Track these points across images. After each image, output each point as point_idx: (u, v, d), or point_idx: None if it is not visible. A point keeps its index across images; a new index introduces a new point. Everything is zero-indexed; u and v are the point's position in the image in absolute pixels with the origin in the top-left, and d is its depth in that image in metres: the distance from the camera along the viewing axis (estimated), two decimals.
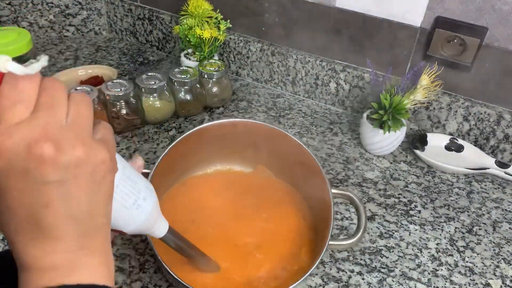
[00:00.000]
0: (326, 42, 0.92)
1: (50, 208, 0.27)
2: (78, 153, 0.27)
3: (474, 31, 0.77)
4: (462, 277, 0.63)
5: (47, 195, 0.27)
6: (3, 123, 0.26)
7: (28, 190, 0.26)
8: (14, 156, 0.25)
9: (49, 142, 0.26)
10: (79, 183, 0.28)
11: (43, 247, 0.27)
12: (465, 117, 0.85)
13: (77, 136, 0.28)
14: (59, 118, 0.27)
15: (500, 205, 0.76)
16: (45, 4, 1.11)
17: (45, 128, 0.26)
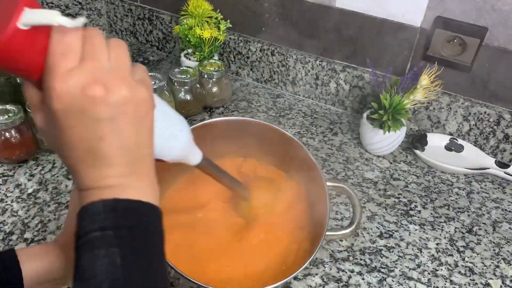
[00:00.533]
0: (326, 42, 0.92)
1: (105, 141, 0.32)
2: (124, 92, 0.31)
3: (474, 31, 0.77)
4: (462, 277, 0.63)
5: (101, 130, 0.31)
6: (58, 71, 0.30)
7: (85, 127, 0.31)
8: (71, 99, 0.30)
9: (98, 85, 0.30)
10: (126, 118, 0.32)
11: (100, 172, 0.32)
12: (465, 117, 0.85)
13: (121, 78, 0.32)
14: (103, 63, 0.31)
15: (500, 205, 0.76)
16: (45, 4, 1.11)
17: (93, 72, 0.31)
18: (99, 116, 0.31)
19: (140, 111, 0.33)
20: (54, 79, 0.30)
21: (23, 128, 0.73)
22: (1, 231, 0.64)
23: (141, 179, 0.34)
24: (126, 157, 0.33)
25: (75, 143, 0.31)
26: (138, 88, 0.33)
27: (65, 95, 0.30)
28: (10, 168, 0.75)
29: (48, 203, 0.69)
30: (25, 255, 0.43)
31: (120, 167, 0.33)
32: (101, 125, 0.31)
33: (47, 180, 0.73)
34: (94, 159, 0.32)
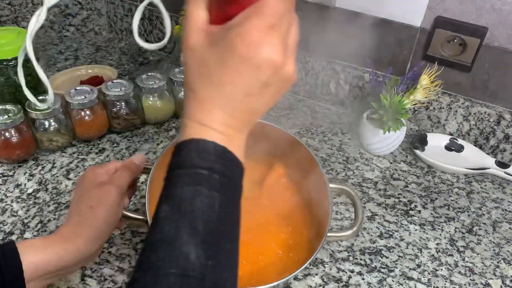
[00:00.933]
0: (326, 42, 0.92)
1: (248, 98, 0.34)
2: (291, 71, 0.34)
3: (474, 31, 0.77)
4: (462, 277, 0.63)
5: (254, 89, 0.33)
6: (263, 22, 0.31)
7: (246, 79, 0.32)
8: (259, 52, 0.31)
9: (283, 54, 0.32)
10: (274, 91, 0.34)
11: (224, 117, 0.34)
12: (465, 117, 0.85)
13: (293, 56, 0.34)
14: (290, 35, 0.34)
15: (500, 205, 0.76)
16: None
17: (284, 40, 0.33)
18: (264, 78, 0.32)
19: (283, 90, 0.35)
20: (255, 26, 0.31)
21: (23, 128, 0.73)
22: (1, 231, 0.64)
23: (243, 139, 0.36)
24: (247, 118, 0.35)
25: (225, 84, 0.33)
26: (296, 71, 0.35)
27: (256, 46, 0.31)
28: (10, 168, 0.75)
29: (48, 203, 0.69)
30: (25, 247, 0.44)
31: (238, 123, 0.35)
32: (257, 85, 0.33)
33: (47, 180, 0.73)
34: (227, 106, 0.34)
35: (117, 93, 0.79)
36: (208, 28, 0.34)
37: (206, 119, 0.34)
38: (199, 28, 0.34)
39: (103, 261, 0.60)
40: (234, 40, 0.31)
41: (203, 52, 0.34)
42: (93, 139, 0.82)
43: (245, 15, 0.31)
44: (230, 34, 0.31)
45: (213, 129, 0.34)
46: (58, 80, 0.94)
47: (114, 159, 0.78)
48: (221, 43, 0.32)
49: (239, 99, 0.33)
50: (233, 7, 0.32)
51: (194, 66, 0.35)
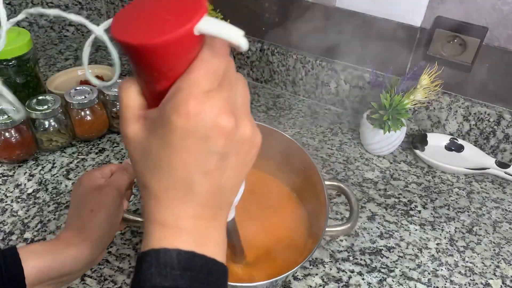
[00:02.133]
0: (326, 42, 0.92)
1: (208, 176, 0.29)
2: (248, 133, 0.29)
3: (474, 31, 0.77)
4: (462, 277, 0.63)
5: (211, 164, 0.28)
6: (197, 88, 0.27)
7: (197, 155, 0.28)
8: (200, 121, 0.27)
9: (232, 117, 0.27)
10: (236, 159, 0.29)
11: (185, 209, 0.29)
12: (465, 117, 0.85)
13: (247, 116, 0.30)
14: (236, 95, 0.29)
15: (500, 205, 0.76)
16: (45, 4, 1.11)
17: (228, 102, 0.28)
18: (217, 149, 0.28)
19: (250, 154, 0.30)
20: (190, 95, 0.26)
21: (23, 128, 0.73)
22: (1, 231, 0.64)
23: (219, 228, 0.31)
24: (216, 200, 0.30)
25: (175, 169, 0.28)
26: (257, 132, 0.31)
27: (196, 116, 0.26)
28: (10, 168, 0.75)
29: (48, 203, 0.69)
30: (27, 253, 0.43)
31: (207, 210, 0.30)
32: (213, 158, 0.28)
33: (47, 180, 0.73)
34: (187, 193, 0.29)
35: (117, 93, 0.79)
36: (144, 114, 0.29)
37: (166, 217, 0.29)
38: (134, 116, 0.29)
39: (103, 261, 0.60)
40: (170, 116, 0.26)
41: (144, 141, 0.29)
42: (93, 139, 0.82)
43: (176, 87, 0.27)
44: (164, 112, 0.27)
45: (176, 228, 0.29)
46: (58, 80, 0.94)
47: (114, 159, 0.78)
48: (159, 125, 0.28)
49: (198, 182, 0.28)
50: (162, 83, 0.28)
51: (138, 158, 0.30)
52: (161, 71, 0.27)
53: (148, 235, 0.29)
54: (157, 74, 0.27)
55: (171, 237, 0.29)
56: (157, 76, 0.27)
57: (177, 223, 0.29)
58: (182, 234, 0.29)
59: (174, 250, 0.28)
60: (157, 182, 0.29)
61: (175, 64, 0.27)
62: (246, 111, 0.30)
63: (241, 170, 0.31)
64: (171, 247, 0.28)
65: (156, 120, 0.28)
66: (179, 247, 0.28)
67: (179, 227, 0.29)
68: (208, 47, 0.28)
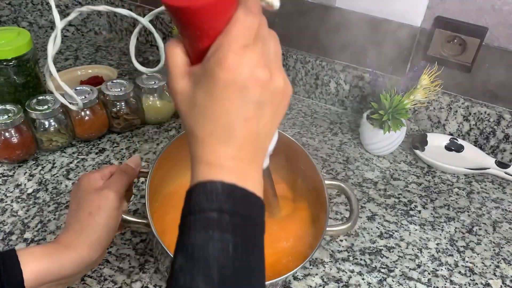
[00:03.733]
0: (326, 42, 0.92)
1: (247, 123, 0.32)
2: (281, 83, 0.33)
3: (474, 31, 0.77)
4: (462, 277, 0.63)
5: (249, 111, 0.32)
6: (236, 43, 0.30)
7: (237, 103, 0.31)
8: (239, 73, 0.30)
9: (267, 69, 0.31)
10: (271, 107, 0.33)
11: (227, 150, 0.32)
12: (465, 117, 0.85)
13: (280, 69, 0.33)
14: (270, 50, 0.33)
15: (500, 205, 0.76)
16: (45, 4, 1.11)
17: (263, 56, 0.32)
18: (255, 97, 0.31)
19: (282, 104, 0.34)
20: (229, 50, 0.30)
21: (23, 128, 0.73)
22: (1, 231, 0.64)
23: (256, 170, 0.35)
24: (254, 144, 0.33)
25: (218, 115, 0.32)
26: (288, 83, 0.34)
27: (236, 68, 0.30)
28: (10, 168, 0.75)
29: (48, 203, 0.69)
30: (26, 255, 0.43)
31: (246, 153, 0.33)
32: (251, 106, 0.32)
33: (47, 180, 0.73)
34: (228, 137, 0.32)
35: (117, 93, 0.79)
36: (189, 70, 0.33)
37: (210, 158, 0.33)
38: (181, 73, 0.33)
39: (103, 261, 0.60)
40: (213, 70, 0.30)
41: (191, 93, 0.33)
42: (93, 139, 0.82)
43: (216, 44, 0.31)
44: (208, 66, 0.31)
45: (220, 166, 0.32)
46: None
47: (114, 159, 0.78)
48: (203, 78, 0.32)
49: (239, 127, 0.32)
50: (204, 41, 0.31)
51: (186, 109, 0.34)
52: (204, 30, 0.31)
53: (195, 173, 0.33)
54: (200, 33, 0.31)
55: (216, 172, 0.32)
56: (200, 35, 0.31)
57: (220, 162, 0.32)
58: (224, 171, 0.32)
59: (219, 182, 0.31)
60: (202, 128, 0.33)
61: (215, 23, 0.30)
62: (278, 64, 0.33)
63: (275, 118, 0.34)
64: (216, 179, 0.31)
65: (200, 74, 0.32)
66: (223, 180, 0.31)
67: (222, 165, 0.32)
68: (242, 7, 0.31)
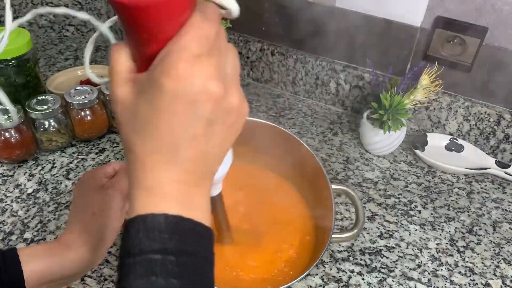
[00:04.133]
0: (326, 42, 0.92)
1: (194, 141, 0.29)
2: (235, 101, 0.29)
3: (474, 31, 0.77)
4: (462, 277, 0.63)
5: (198, 128, 0.28)
6: (188, 51, 0.27)
7: (185, 119, 0.28)
8: (189, 84, 0.27)
9: (221, 83, 0.28)
10: (223, 127, 0.29)
11: (170, 174, 0.29)
12: (465, 117, 0.85)
13: (237, 85, 0.30)
14: (227, 64, 0.29)
15: (500, 205, 0.76)
16: (44, 4, 1.11)
17: (218, 68, 0.28)
18: (205, 114, 0.28)
19: (236, 124, 0.31)
20: (180, 58, 0.26)
21: (23, 128, 0.73)
22: (1, 231, 0.64)
23: (204, 195, 0.31)
24: (202, 167, 0.30)
25: (162, 132, 0.28)
26: (245, 102, 0.31)
27: (186, 79, 0.26)
28: (10, 168, 0.75)
29: (47, 203, 0.69)
30: (27, 255, 0.43)
31: (192, 176, 0.30)
32: (200, 123, 0.28)
33: (47, 180, 0.73)
34: (173, 157, 0.29)
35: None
36: (134, 77, 0.29)
37: (151, 182, 0.29)
38: (123, 79, 0.29)
39: (103, 261, 0.60)
40: (160, 79, 0.27)
41: (132, 103, 0.29)
42: (93, 139, 0.82)
43: (165, 50, 0.27)
44: (154, 74, 0.27)
45: (161, 193, 0.29)
46: (58, 80, 0.94)
47: (114, 159, 0.78)
48: (148, 87, 0.28)
49: (185, 146, 0.28)
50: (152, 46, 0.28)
51: (126, 121, 0.29)
52: (152, 33, 0.27)
53: (134, 202, 0.29)
54: (148, 36, 0.27)
55: (157, 202, 0.29)
56: (148, 38, 0.27)
57: (162, 188, 0.29)
58: (167, 199, 0.29)
59: (161, 214, 0.28)
60: (143, 146, 0.29)
61: (166, 26, 0.27)
62: (235, 80, 0.30)
63: (227, 138, 0.31)
64: (157, 212, 0.28)
65: (145, 82, 0.28)
66: (166, 212, 0.28)
67: (164, 192, 0.29)
68: (199, 12, 0.28)
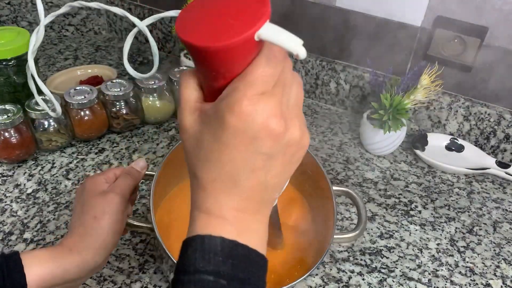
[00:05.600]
0: (326, 42, 0.92)
1: (254, 174, 0.30)
2: (296, 135, 0.30)
3: (474, 31, 0.77)
4: (463, 278, 0.63)
5: (257, 163, 0.29)
6: (252, 90, 0.27)
7: (245, 153, 0.29)
8: (251, 121, 0.28)
9: (282, 120, 0.28)
10: (283, 159, 0.30)
11: (230, 201, 0.30)
12: (465, 117, 0.84)
13: (299, 118, 0.30)
14: (289, 97, 0.30)
15: (501, 205, 0.76)
16: (44, 3, 1.11)
17: (280, 105, 0.29)
18: (264, 150, 0.29)
19: (296, 156, 0.31)
20: (244, 95, 0.27)
21: (23, 128, 0.73)
22: (0, 231, 0.64)
23: (261, 222, 0.32)
24: (260, 196, 0.31)
25: (224, 163, 0.29)
26: (306, 134, 0.31)
27: (247, 116, 0.27)
28: (10, 168, 0.75)
29: (47, 203, 0.69)
30: (30, 259, 0.42)
31: (252, 204, 0.31)
32: (260, 158, 0.29)
33: (47, 180, 0.73)
34: (233, 187, 0.30)
35: (117, 93, 0.79)
36: (201, 107, 0.30)
37: (212, 207, 0.30)
38: (191, 108, 0.31)
39: None
40: (224, 114, 0.28)
41: (198, 132, 0.30)
42: (92, 139, 0.82)
43: (231, 87, 0.28)
44: (219, 108, 0.28)
45: (221, 217, 0.30)
46: (58, 80, 0.94)
47: (113, 159, 0.78)
48: (213, 120, 0.29)
49: (245, 177, 0.30)
50: (220, 82, 0.29)
51: (191, 148, 0.31)
52: (220, 72, 0.28)
53: (194, 222, 0.31)
54: (216, 74, 0.29)
55: (216, 225, 0.30)
56: (216, 76, 0.29)
57: (221, 213, 0.30)
58: (225, 224, 0.30)
59: (218, 237, 0.29)
60: (206, 173, 0.30)
61: (233, 66, 0.28)
62: (297, 112, 0.31)
63: (287, 169, 0.32)
64: (215, 234, 0.29)
65: (211, 115, 0.29)
66: (223, 235, 0.29)
67: (223, 217, 0.30)
68: (266, 51, 0.28)
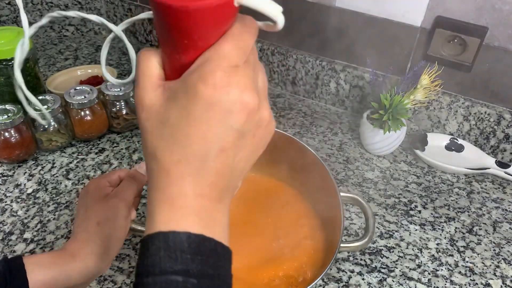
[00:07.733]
0: (326, 42, 0.92)
1: (223, 154, 0.28)
2: (267, 115, 0.29)
3: (474, 31, 0.77)
4: (462, 277, 0.63)
5: (228, 140, 0.27)
6: (226, 61, 0.26)
7: (217, 128, 0.27)
8: (225, 94, 0.26)
9: (256, 95, 0.27)
10: (252, 141, 0.29)
11: (195, 187, 0.28)
12: (465, 117, 0.84)
13: (266, 101, 0.30)
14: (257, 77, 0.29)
15: (500, 205, 0.76)
16: (44, 4, 1.11)
17: (253, 81, 0.28)
18: (237, 125, 0.27)
19: (263, 141, 0.30)
20: (218, 66, 0.26)
21: (23, 128, 0.73)
22: (1, 231, 0.64)
23: (224, 212, 0.30)
24: (225, 181, 0.29)
25: (193, 140, 0.27)
26: (273, 119, 0.31)
27: (222, 87, 0.26)
28: (10, 168, 0.75)
29: (47, 203, 0.69)
30: (33, 264, 0.42)
31: (215, 190, 0.29)
32: (231, 135, 0.27)
33: (47, 180, 0.73)
34: (200, 168, 0.28)
35: (117, 93, 0.79)
36: (164, 84, 0.29)
37: (175, 195, 0.28)
38: (153, 85, 0.29)
39: None
40: (196, 86, 0.26)
41: (162, 110, 0.28)
42: (92, 139, 0.82)
43: (204, 58, 0.27)
44: (190, 81, 0.27)
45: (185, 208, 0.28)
46: (58, 80, 0.94)
47: (113, 159, 0.78)
48: (181, 94, 0.27)
49: (212, 157, 0.27)
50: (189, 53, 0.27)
51: (153, 128, 0.28)
52: (193, 39, 0.27)
53: (155, 215, 0.28)
54: (187, 42, 0.27)
55: (179, 219, 0.27)
56: (187, 44, 0.27)
57: (185, 202, 0.28)
58: (189, 216, 0.28)
59: (184, 233, 0.27)
60: (169, 154, 0.28)
61: (208, 33, 0.27)
62: (265, 95, 0.30)
63: (253, 154, 0.30)
64: (180, 230, 0.27)
65: (178, 89, 0.27)
66: (189, 230, 0.27)
67: (187, 206, 0.28)
68: (239, 23, 0.28)
